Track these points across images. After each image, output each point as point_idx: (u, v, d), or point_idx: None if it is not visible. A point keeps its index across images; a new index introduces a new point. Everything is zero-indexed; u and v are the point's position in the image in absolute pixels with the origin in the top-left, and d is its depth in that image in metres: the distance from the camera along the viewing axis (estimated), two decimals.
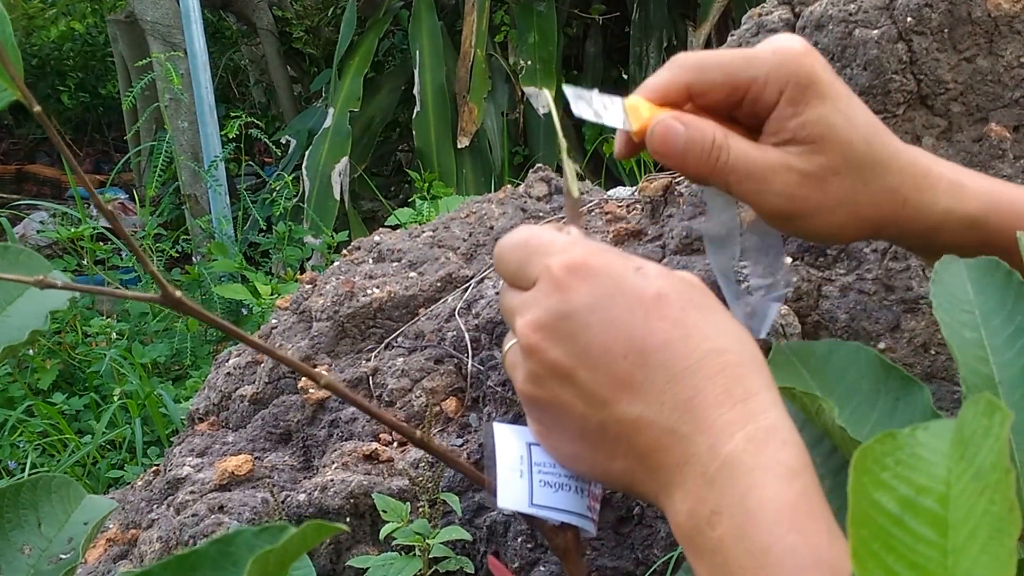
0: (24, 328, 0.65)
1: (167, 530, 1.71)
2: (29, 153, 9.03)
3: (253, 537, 0.49)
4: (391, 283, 1.90)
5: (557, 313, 0.68)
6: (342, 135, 5.31)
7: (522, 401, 0.73)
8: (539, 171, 2.17)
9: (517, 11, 5.64)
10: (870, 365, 0.83)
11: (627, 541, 1.58)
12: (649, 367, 0.67)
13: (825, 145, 0.81)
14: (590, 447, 0.70)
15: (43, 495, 0.67)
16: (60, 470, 2.93)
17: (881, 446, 0.46)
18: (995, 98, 1.40)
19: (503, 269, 0.74)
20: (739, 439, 0.65)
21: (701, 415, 0.66)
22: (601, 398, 0.68)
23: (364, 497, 1.64)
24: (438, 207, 4.17)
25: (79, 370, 3.68)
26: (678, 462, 0.66)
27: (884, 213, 0.84)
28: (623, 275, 0.69)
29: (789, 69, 0.80)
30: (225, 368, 2.02)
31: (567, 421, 0.70)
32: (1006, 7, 1.37)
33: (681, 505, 0.66)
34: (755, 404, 0.66)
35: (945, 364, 1.40)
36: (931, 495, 0.44)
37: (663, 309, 0.68)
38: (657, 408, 0.67)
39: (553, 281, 0.69)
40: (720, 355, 0.67)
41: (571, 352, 0.68)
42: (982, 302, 0.76)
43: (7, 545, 0.64)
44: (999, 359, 0.74)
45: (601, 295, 0.68)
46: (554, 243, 0.71)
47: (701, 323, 0.68)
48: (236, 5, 6.85)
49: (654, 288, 0.68)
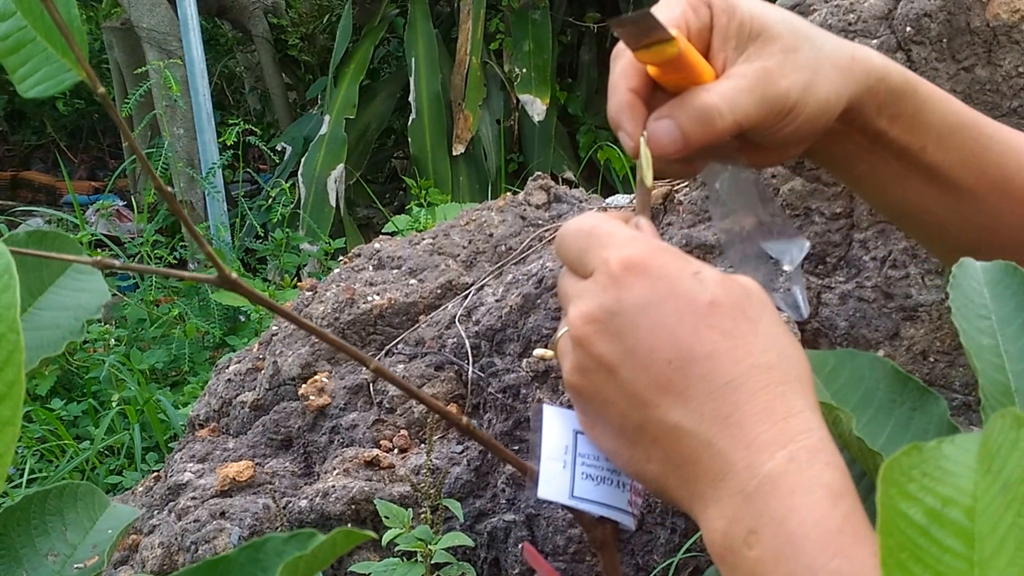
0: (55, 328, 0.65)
1: (168, 536, 1.72)
2: (24, 160, 9.02)
3: (282, 544, 0.49)
4: (391, 290, 1.91)
5: (608, 309, 0.68)
6: (338, 142, 5.31)
7: (567, 390, 0.73)
8: (538, 179, 2.18)
9: (512, 19, 5.64)
10: (886, 376, 0.83)
11: (627, 547, 1.58)
12: (692, 375, 0.67)
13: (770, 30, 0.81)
14: (628, 445, 0.70)
15: (69, 502, 0.68)
16: (59, 476, 2.93)
17: (908, 458, 0.46)
18: (993, 107, 1.41)
19: (564, 253, 0.74)
20: (780, 458, 0.64)
21: (740, 432, 0.65)
22: (642, 399, 0.68)
23: (365, 503, 1.65)
24: (435, 214, 4.17)
25: (77, 376, 3.68)
26: (714, 477, 0.66)
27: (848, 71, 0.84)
28: (679, 278, 0.68)
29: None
30: (225, 375, 2.03)
31: (609, 415, 0.70)
32: (1005, 17, 1.38)
33: (716, 521, 0.65)
34: (797, 423, 0.66)
35: (944, 372, 1.41)
36: (957, 507, 0.45)
37: (714, 318, 0.67)
38: (697, 418, 0.66)
39: (609, 276, 0.69)
40: (765, 372, 0.67)
41: (617, 349, 0.68)
42: (998, 307, 0.77)
43: (33, 551, 0.64)
44: (1015, 367, 0.74)
45: (653, 296, 0.68)
46: (616, 235, 0.71)
47: (750, 336, 0.68)
48: (232, 12, 6.85)
49: (708, 295, 0.68)
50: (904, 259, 1.42)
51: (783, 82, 0.81)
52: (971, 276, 0.79)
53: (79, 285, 0.74)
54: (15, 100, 8.86)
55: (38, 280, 0.70)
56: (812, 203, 1.49)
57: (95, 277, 0.75)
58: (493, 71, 5.66)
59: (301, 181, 5.24)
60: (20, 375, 0.43)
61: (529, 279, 1.73)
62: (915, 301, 1.41)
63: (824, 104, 0.83)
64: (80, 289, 0.73)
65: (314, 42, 6.86)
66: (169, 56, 5.41)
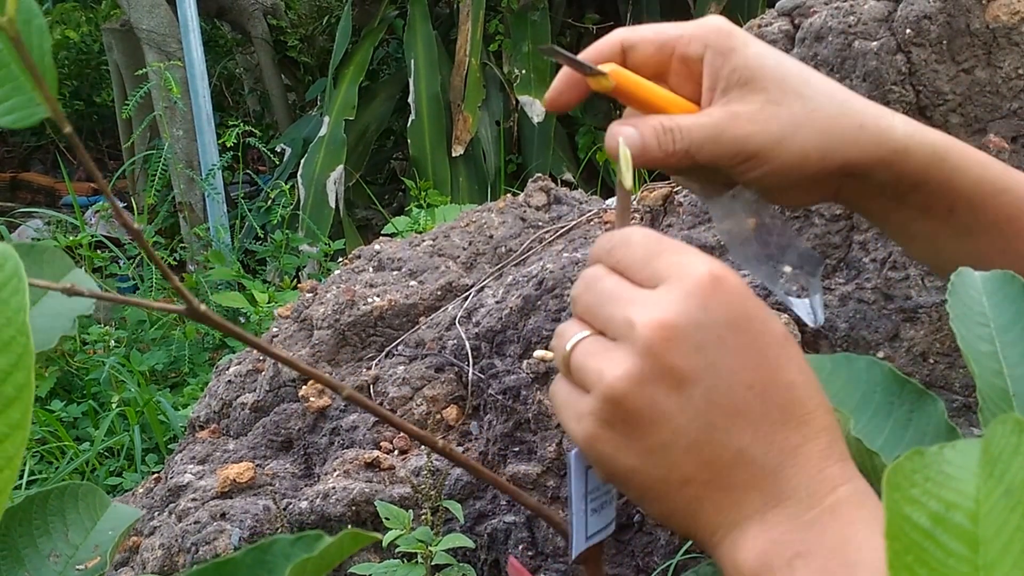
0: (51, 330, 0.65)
1: (169, 537, 1.72)
2: (23, 161, 9.03)
3: (289, 546, 0.49)
4: (392, 291, 1.91)
5: (694, 321, 0.65)
6: (337, 143, 5.31)
7: (602, 401, 0.67)
8: (538, 181, 2.18)
9: (511, 20, 5.65)
10: (883, 378, 0.83)
11: (627, 548, 1.58)
12: (770, 403, 0.66)
13: (760, 81, 0.82)
14: (663, 466, 0.67)
15: (70, 503, 0.68)
16: (59, 477, 2.93)
17: (910, 463, 0.47)
18: (993, 109, 1.41)
19: (624, 254, 0.70)
20: (842, 492, 0.65)
21: (808, 463, 0.65)
22: (710, 419, 0.66)
23: (366, 504, 1.65)
24: (434, 215, 4.18)
25: (77, 377, 3.68)
26: (767, 502, 0.66)
27: (845, 135, 0.84)
28: (759, 303, 0.67)
29: (710, 25, 0.84)
30: (226, 376, 2.03)
31: (657, 432, 0.67)
32: (1004, 19, 1.39)
33: (755, 541, 0.65)
34: (851, 467, 0.67)
35: (943, 374, 1.41)
36: (961, 511, 0.45)
37: (791, 350, 0.67)
38: (766, 447, 0.66)
39: (693, 284, 0.66)
40: (827, 413, 0.67)
41: (697, 363, 0.65)
42: (997, 315, 0.77)
43: (35, 552, 0.64)
44: (1013, 372, 0.74)
45: (741, 315, 0.66)
46: (684, 247, 0.69)
47: (813, 377, 0.68)
48: (231, 14, 6.85)
49: (781, 328, 0.68)
50: (904, 261, 1.43)
51: (748, 127, 0.82)
52: (970, 285, 0.80)
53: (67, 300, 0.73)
54: None
55: None
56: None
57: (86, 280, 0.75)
58: (492, 72, 5.67)
59: (300, 182, 5.25)
60: (30, 379, 0.43)
61: (529, 280, 1.73)
62: (915, 303, 1.41)
63: (800, 159, 0.83)
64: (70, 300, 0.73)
65: (313, 43, 6.86)
66: (169, 58, 5.41)
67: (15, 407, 0.43)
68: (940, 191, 0.86)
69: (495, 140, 5.57)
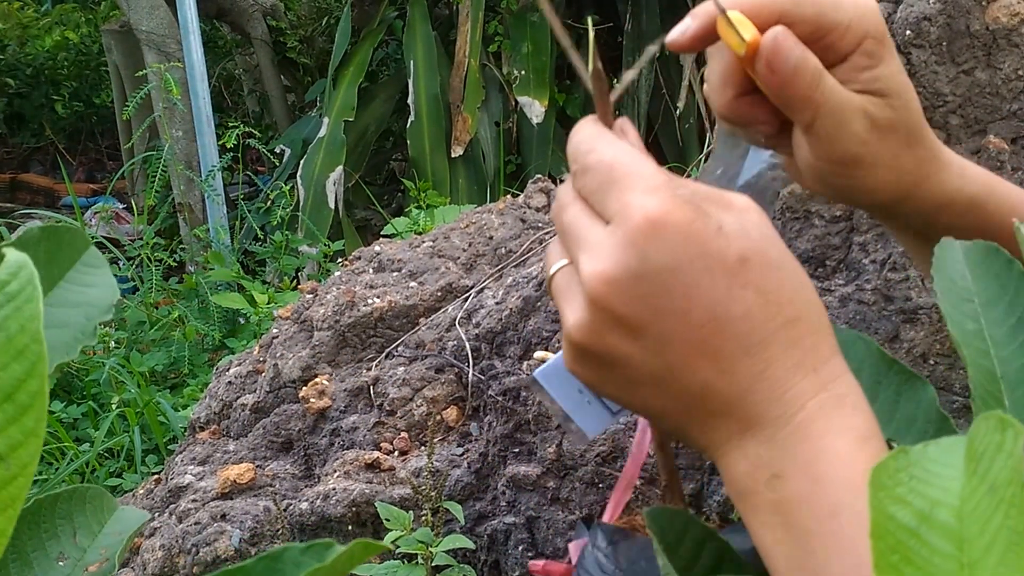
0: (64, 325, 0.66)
1: (169, 538, 1.72)
2: (23, 162, 9.03)
3: (300, 554, 0.49)
4: (392, 293, 1.91)
5: (633, 271, 0.65)
6: (337, 144, 5.31)
7: (569, 342, 0.70)
8: (538, 182, 2.18)
9: (511, 21, 5.65)
10: (870, 356, 0.83)
11: None
12: (726, 336, 0.66)
13: (894, 100, 0.82)
14: (641, 395, 0.69)
15: (78, 506, 0.68)
16: (59, 478, 2.93)
17: (895, 461, 0.47)
18: (993, 110, 1.41)
19: (584, 183, 0.70)
20: (810, 408, 0.65)
21: (773, 386, 0.66)
22: (667, 360, 0.67)
23: (366, 505, 1.65)
24: (433, 216, 4.18)
25: (77, 378, 3.68)
26: (741, 428, 0.67)
27: (913, 181, 0.85)
28: (705, 237, 0.66)
29: (869, 22, 0.81)
30: (226, 377, 2.03)
31: (622, 372, 0.68)
32: (1004, 21, 1.39)
33: (738, 464, 0.67)
34: (826, 373, 0.67)
35: (944, 375, 1.41)
36: (946, 509, 0.45)
37: (746, 275, 0.66)
38: (728, 378, 0.66)
39: (631, 232, 0.65)
40: (795, 325, 0.67)
41: (644, 312, 0.66)
42: (982, 289, 0.76)
43: (43, 555, 0.64)
44: (1001, 352, 0.73)
45: (683, 258, 0.65)
46: (637, 178, 0.67)
47: (780, 287, 0.67)
48: (230, 15, 6.86)
49: (735, 251, 0.66)
50: (904, 262, 1.43)
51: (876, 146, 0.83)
52: (953, 256, 0.79)
53: (87, 280, 0.74)
54: (14, 103, 8.88)
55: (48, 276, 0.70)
56: (812, 206, 1.49)
57: (103, 272, 0.75)
58: (492, 73, 5.67)
59: (300, 183, 5.25)
60: (43, 386, 0.44)
61: (529, 282, 1.74)
62: (915, 304, 1.42)
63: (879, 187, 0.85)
64: (89, 284, 0.73)
65: (313, 44, 6.87)
66: (168, 59, 5.41)
67: (29, 414, 0.43)
68: (967, 234, 0.87)
69: (494, 141, 5.57)
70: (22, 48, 8.91)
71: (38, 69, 8.77)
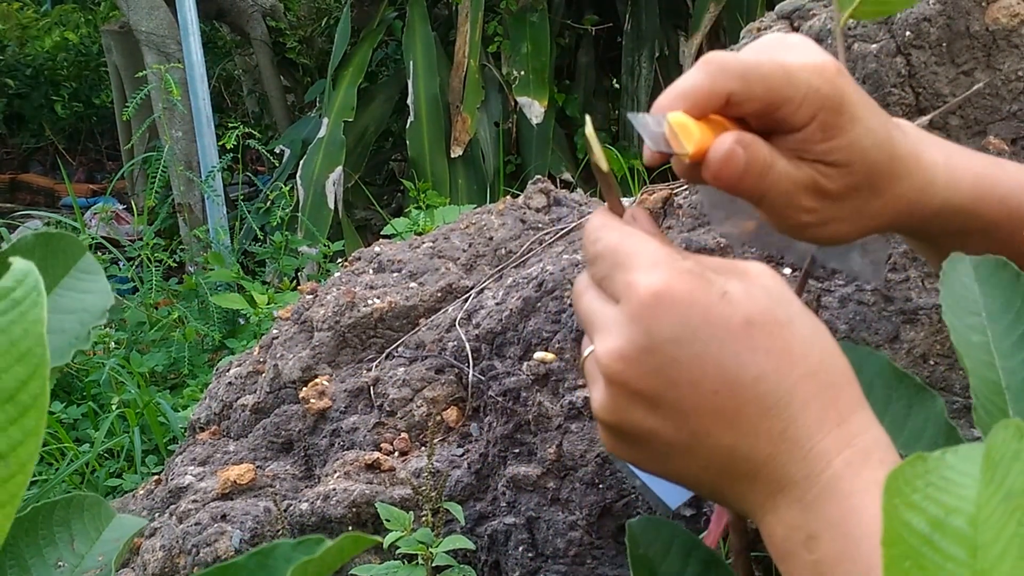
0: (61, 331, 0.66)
1: (170, 539, 1.72)
2: (23, 162, 9.04)
3: (291, 550, 0.49)
4: (392, 293, 1.91)
5: (641, 346, 0.67)
6: (336, 145, 5.31)
7: (599, 424, 0.72)
8: (538, 182, 2.18)
9: (510, 22, 5.65)
10: (882, 372, 0.83)
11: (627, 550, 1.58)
12: (741, 400, 0.66)
13: (852, 168, 0.80)
14: (675, 466, 0.70)
15: (76, 513, 0.68)
16: (59, 479, 2.93)
17: (912, 468, 0.47)
18: (993, 111, 1.41)
19: (595, 271, 0.72)
20: (836, 465, 0.65)
21: (797, 445, 0.66)
22: (690, 428, 0.67)
23: (366, 506, 1.65)
24: (433, 217, 4.18)
25: (77, 379, 3.68)
26: (772, 491, 0.67)
27: (889, 218, 0.84)
28: (708, 304, 0.67)
29: (824, 94, 0.77)
30: (226, 378, 2.03)
31: (651, 445, 0.70)
32: (1004, 22, 1.39)
33: (775, 528, 0.67)
34: (850, 426, 0.67)
35: (944, 375, 1.41)
36: (960, 516, 0.45)
37: (753, 339, 0.67)
38: (751, 441, 0.67)
39: (636, 308, 0.67)
40: (813, 379, 0.67)
41: (658, 384, 0.67)
42: (988, 303, 0.76)
43: (41, 562, 0.65)
44: (1006, 363, 0.74)
45: (687, 328, 0.66)
46: (639, 256, 0.69)
47: (791, 345, 0.67)
48: (230, 15, 6.86)
49: (741, 315, 0.67)
50: (904, 262, 1.43)
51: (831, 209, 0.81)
52: (961, 272, 0.79)
53: (83, 286, 0.74)
54: (13, 103, 8.88)
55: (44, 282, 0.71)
56: None
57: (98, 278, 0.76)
58: (491, 73, 5.67)
59: (300, 184, 5.25)
60: (45, 388, 0.45)
61: (529, 282, 1.74)
62: (915, 304, 1.42)
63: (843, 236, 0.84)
64: (84, 291, 0.74)
65: (312, 45, 6.87)
66: (168, 59, 5.42)
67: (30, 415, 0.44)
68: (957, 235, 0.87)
69: (494, 141, 5.57)
70: (22, 49, 8.92)
71: (38, 70, 8.78)
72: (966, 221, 0.87)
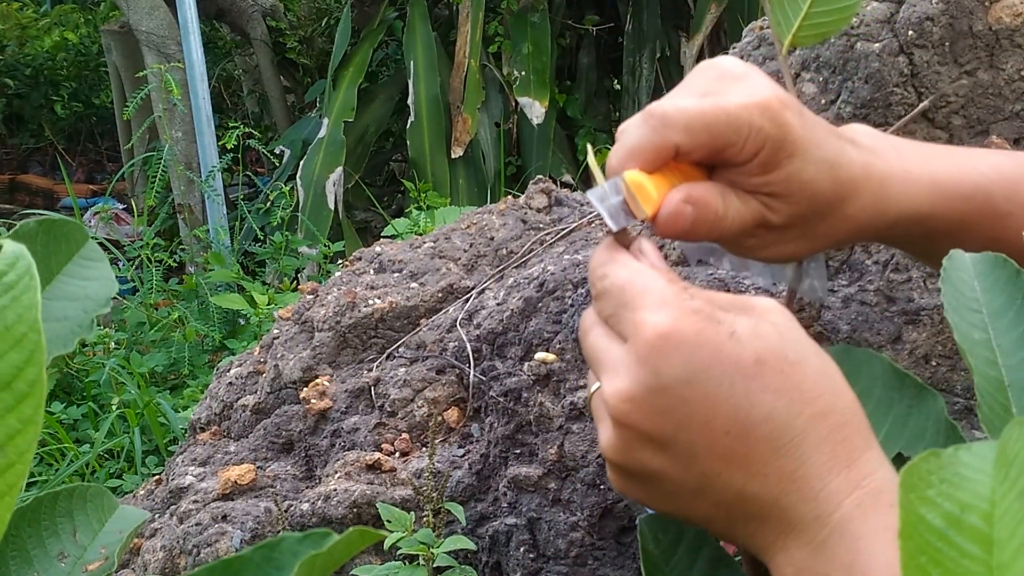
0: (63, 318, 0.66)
1: (170, 539, 1.72)
2: (22, 163, 9.04)
3: (297, 543, 0.49)
4: (392, 293, 1.91)
5: (649, 387, 0.67)
6: (336, 145, 5.31)
7: (606, 463, 0.72)
8: (539, 183, 2.18)
9: (511, 22, 5.65)
10: (883, 372, 0.83)
11: (629, 551, 1.58)
12: (752, 440, 0.66)
13: (792, 198, 0.80)
14: (685, 506, 0.70)
15: (78, 504, 0.68)
16: (59, 480, 2.93)
17: (926, 464, 0.47)
18: (996, 111, 1.41)
19: (602, 307, 0.72)
20: (847, 507, 0.65)
21: (807, 486, 0.66)
22: (699, 469, 0.67)
23: (367, 506, 1.65)
24: (433, 217, 4.18)
25: (77, 379, 3.68)
26: (782, 531, 0.67)
27: (839, 237, 0.84)
28: (718, 344, 0.66)
29: (766, 133, 0.77)
30: (227, 378, 2.03)
31: (661, 485, 0.69)
32: (1007, 21, 1.39)
33: (785, 568, 0.67)
34: (861, 467, 0.66)
35: (945, 376, 1.41)
36: (975, 512, 0.45)
37: (764, 378, 0.66)
38: (761, 481, 0.66)
39: (643, 349, 0.67)
40: (824, 419, 0.67)
41: (667, 425, 0.67)
42: (989, 300, 0.76)
43: (43, 553, 0.64)
44: (1008, 361, 0.73)
45: (697, 368, 0.66)
46: (647, 295, 0.69)
47: (801, 384, 0.67)
48: (230, 15, 6.86)
49: (750, 354, 0.67)
50: (906, 263, 1.43)
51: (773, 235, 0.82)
52: (961, 268, 0.79)
53: (87, 274, 0.74)
54: (13, 103, 8.88)
55: (46, 269, 0.70)
56: None
57: (102, 265, 0.75)
58: (492, 74, 5.67)
59: (300, 184, 5.25)
60: (42, 374, 0.44)
61: (530, 283, 1.73)
62: (917, 305, 1.41)
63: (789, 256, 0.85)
64: (88, 278, 0.73)
65: (312, 45, 6.87)
66: (168, 59, 5.42)
67: (27, 402, 0.44)
68: (920, 241, 0.88)
69: (494, 142, 5.57)
70: (21, 49, 8.92)
71: (37, 70, 8.78)
72: (929, 225, 0.87)
